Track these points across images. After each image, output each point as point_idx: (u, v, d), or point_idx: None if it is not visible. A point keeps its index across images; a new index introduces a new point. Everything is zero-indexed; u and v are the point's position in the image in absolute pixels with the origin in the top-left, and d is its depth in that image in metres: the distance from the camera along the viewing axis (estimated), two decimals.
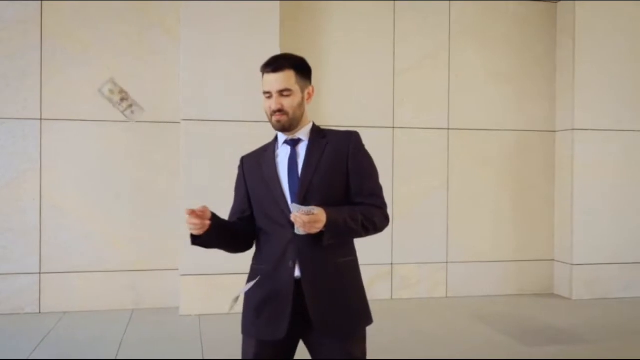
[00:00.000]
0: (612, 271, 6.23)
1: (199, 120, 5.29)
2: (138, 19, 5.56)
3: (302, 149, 2.17)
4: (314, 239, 2.02)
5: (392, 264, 6.08)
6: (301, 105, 2.15)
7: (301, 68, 2.17)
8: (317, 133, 2.21)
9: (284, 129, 2.15)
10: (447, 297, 6.20)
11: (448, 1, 6.21)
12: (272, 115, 2.13)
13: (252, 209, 2.24)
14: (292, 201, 2.08)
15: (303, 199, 2.07)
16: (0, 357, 4.11)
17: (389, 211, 2.21)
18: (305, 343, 2.19)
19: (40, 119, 5.36)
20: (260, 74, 2.18)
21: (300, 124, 2.18)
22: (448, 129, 6.21)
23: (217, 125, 5.31)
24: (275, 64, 2.12)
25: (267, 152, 2.24)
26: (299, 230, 2.00)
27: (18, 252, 5.32)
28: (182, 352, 4.27)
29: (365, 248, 6.33)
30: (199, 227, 2.06)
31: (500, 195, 6.37)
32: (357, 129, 6.56)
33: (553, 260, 6.46)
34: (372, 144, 2.30)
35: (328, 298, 2.10)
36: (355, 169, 2.14)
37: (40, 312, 5.33)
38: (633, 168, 6.28)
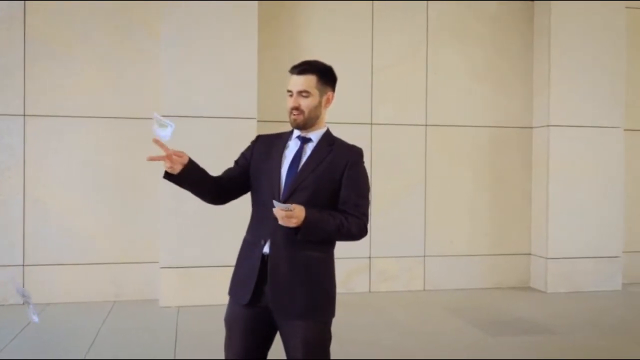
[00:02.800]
0: (587, 265, 6.36)
1: (178, 116, 5.41)
2: (121, 18, 5.67)
3: (309, 148, 2.38)
4: (289, 228, 2.21)
5: (370, 257, 6.20)
6: (317, 107, 2.36)
7: (324, 75, 2.38)
8: (327, 139, 2.41)
9: (299, 126, 2.36)
10: (424, 290, 6.33)
11: (426, 1, 6.32)
12: (290, 112, 2.35)
13: (240, 179, 2.44)
14: (284, 190, 2.30)
15: (292, 192, 2.28)
16: None
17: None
18: (274, 318, 2.33)
19: (24, 115, 5.49)
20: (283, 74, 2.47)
21: (315, 125, 2.39)
22: (426, 125, 6.33)
23: (196, 121, 5.43)
24: (300, 67, 2.35)
25: (280, 140, 2.45)
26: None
27: (2, 245, 5.45)
28: (156, 342, 4.41)
29: (344, 242, 6.45)
30: (172, 169, 2.24)
31: (478, 190, 6.49)
32: (336, 125, 6.68)
33: (530, 254, 6.59)
34: (350, 140, 2.48)
35: (285, 281, 2.27)
36: (347, 181, 2.32)
37: (24, 304, 5.45)
38: (607, 163, 6.40)
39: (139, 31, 5.71)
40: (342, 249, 6.43)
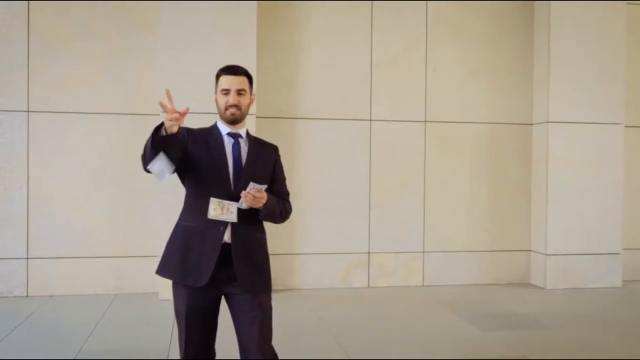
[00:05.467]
0: (586, 261, 6.35)
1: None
2: (121, 17, 5.78)
3: (243, 144, 2.64)
4: (243, 214, 2.50)
5: (369, 252, 6.25)
6: (249, 105, 2.63)
7: (250, 78, 2.64)
8: (251, 136, 2.71)
9: (235, 121, 2.60)
10: (423, 285, 6.37)
11: (425, 1, 6.36)
12: (227, 109, 2.57)
13: (178, 164, 2.48)
14: (235, 184, 2.53)
15: (244, 185, 2.49)
16: None
17: (366, 200, 2.77)
18: (224, 294, 2.60)
19: (27, 111, 5.61)
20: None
21: (242, 122, 2.64)
22: (425, 121, 6.36)
23: (194, 119, 5.48)
24: (234, 69, 2.60)
25: (212, 135, 2.64)
26: (243, 204, 2.47)
27: (6, 238, 5.59)
28: (152, 334, 4.49)
29: (343, 237, 6.49)
30: (176, 123, 2.35)
31: (477, 186, 6.51)
32: (336, 121, 6.73)
33: (529, 250, 6.60)
34: (350, 136, 2.61)
35: (247, 262, 2.55)
36: (278, 174, 2.74)
37: (27, 296, 5.59)
38: (607, 160, 6.39)
39: (139, 29, 5.81)
40: (341, 245, 6.51)
